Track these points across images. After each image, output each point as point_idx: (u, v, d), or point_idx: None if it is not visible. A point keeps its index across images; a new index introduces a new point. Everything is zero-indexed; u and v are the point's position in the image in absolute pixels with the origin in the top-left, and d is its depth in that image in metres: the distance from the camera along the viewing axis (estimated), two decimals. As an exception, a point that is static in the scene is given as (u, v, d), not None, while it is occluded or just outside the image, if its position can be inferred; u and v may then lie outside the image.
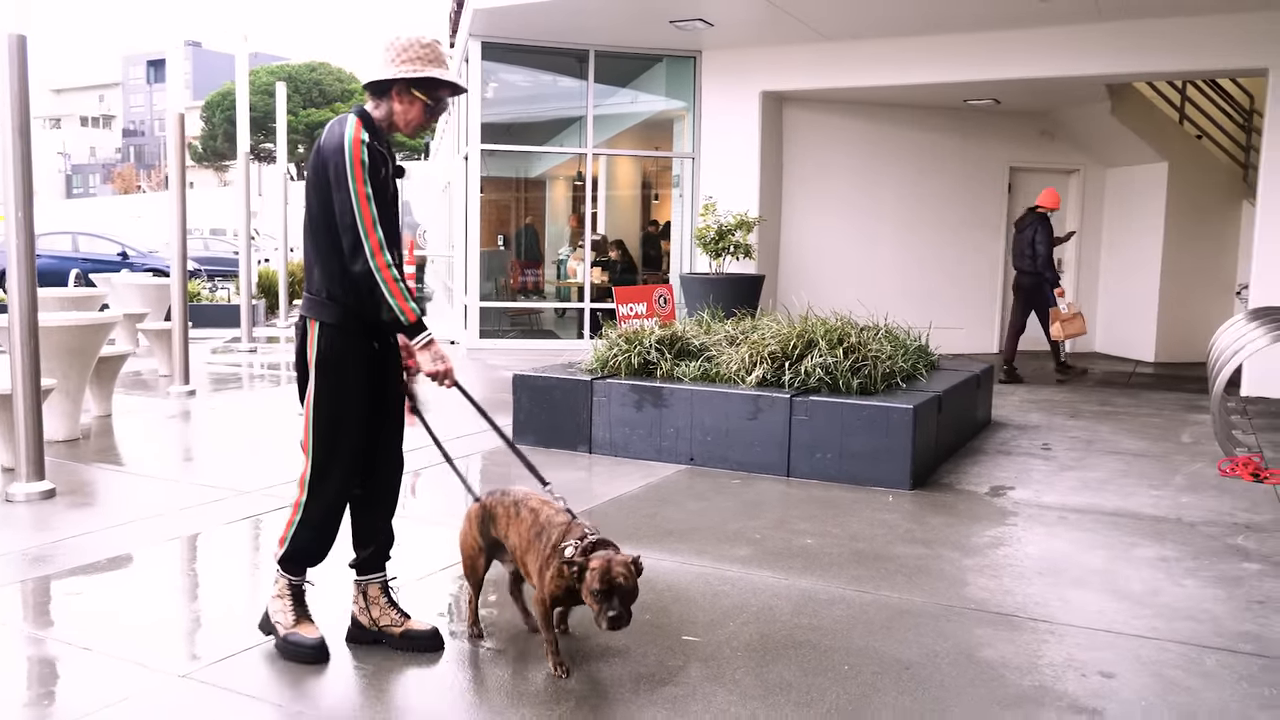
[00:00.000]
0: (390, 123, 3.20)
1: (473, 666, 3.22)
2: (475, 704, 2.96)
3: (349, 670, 3.18)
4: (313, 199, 3.14)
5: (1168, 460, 6.40)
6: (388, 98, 3.18)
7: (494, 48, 11.57)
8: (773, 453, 5.89)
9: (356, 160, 3.03)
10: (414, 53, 3.15)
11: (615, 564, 2.92)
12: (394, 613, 3.35)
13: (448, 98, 3.25)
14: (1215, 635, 3.52)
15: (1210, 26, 9.26)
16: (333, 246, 3.09)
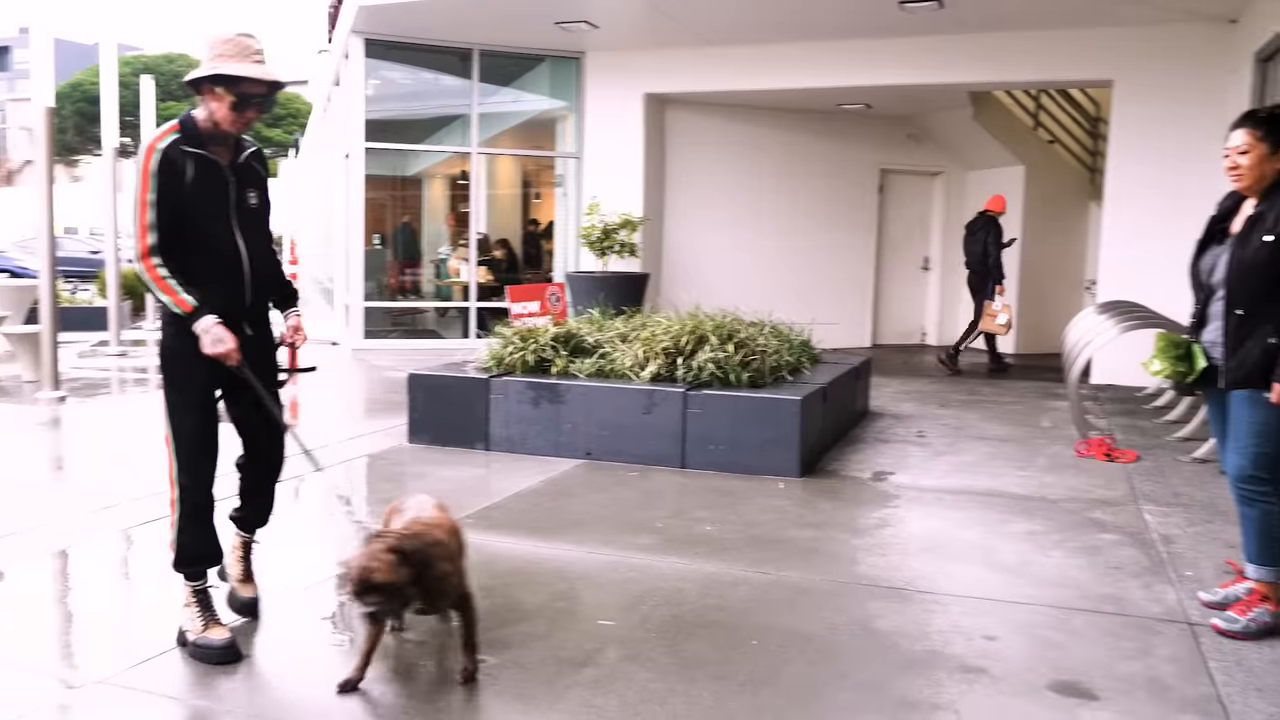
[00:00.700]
0: (213, 122, 3.20)
1: (394, 657, 3.30)
2: (404, 692, 3.04)
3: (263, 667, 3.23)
4: None
5: (1030, 444, 6.87)
6: (202, 97, 3.20)
7: (377, 45, 11.46)
8: (668, 445, 6.09)
9: (145, 166, 3.10)
10: (219, 49, 3.16)
11: (362, 567, 2.76)
12: (240, 568, 3.59)
13: (260, 94, 3.21)
14: (1081, 599, 3.87)
15: (1063, 40, 9.92)
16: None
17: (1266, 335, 3.40)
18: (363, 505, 5.13)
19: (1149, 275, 9.55)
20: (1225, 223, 3.67)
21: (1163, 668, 3.24)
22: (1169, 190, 9.61)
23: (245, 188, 3.34)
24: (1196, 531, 4.78)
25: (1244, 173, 3.55)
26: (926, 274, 13.66)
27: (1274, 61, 8.16)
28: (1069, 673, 3.20)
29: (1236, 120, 3.61)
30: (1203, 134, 9.48)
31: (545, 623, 3.58)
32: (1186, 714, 2.93)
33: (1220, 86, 9.39)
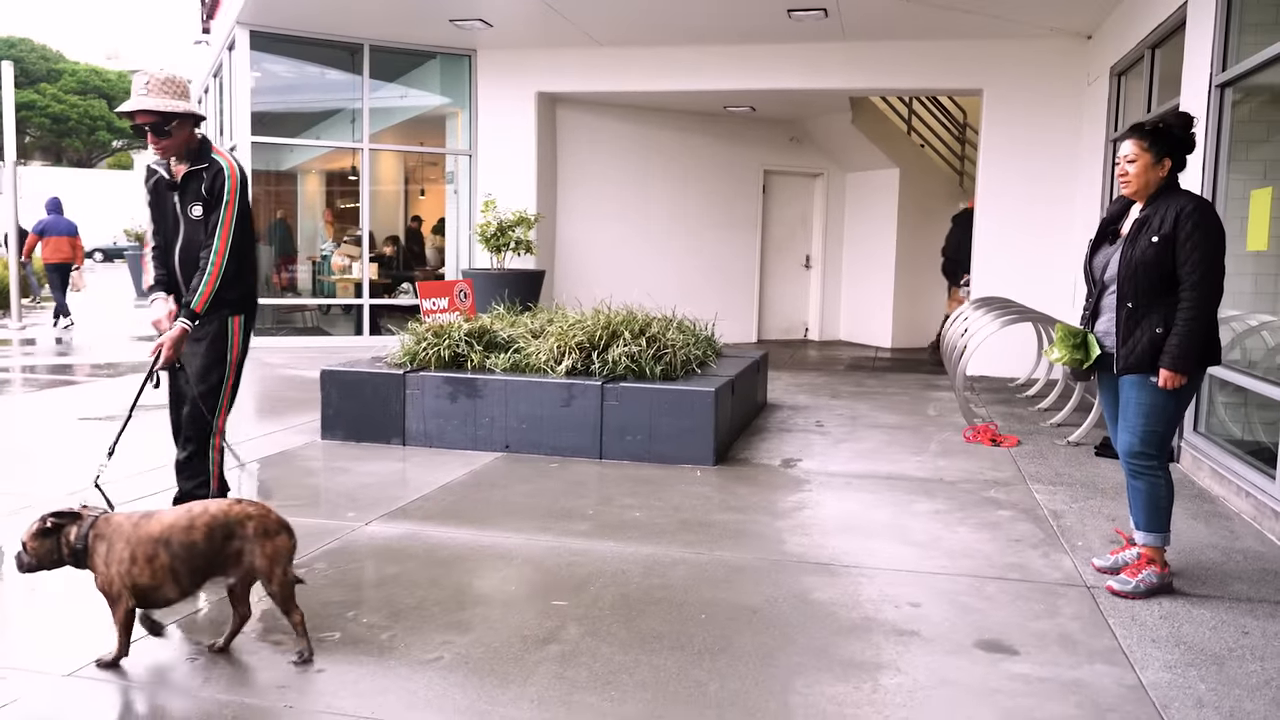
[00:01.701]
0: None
1: (364, 642, 3.38)
2: (373, 671, 3.14)
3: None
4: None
5: (921, 431, 7.32)
6: None
7: (262, 37, 11.23)
8: (586, 437, 6.26)
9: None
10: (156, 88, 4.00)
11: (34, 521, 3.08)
12: None
13: (146, 123, 3.92)
14: (989, 568, 4.23)
15: (937, 51, 10.50)
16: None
17: (1154, 325, 3.80)
18: (297, 497, 5.14)
19: (1016, 272, 10.24)
20: (1116, 224, 4.05)
21: (1070, 625, 3.60)
22: (1034, 193, 10.31)
23: (186, 200, 4.07)
24: (1080, 507, 5.24)
25: (1131, 179, 3.94)
26: (808, 272, 14.19)
27: (1128, 75, 8.86)
28: (990, 632, 3.52)
29: (1124, 132, 4.02)
30: (1064, 141, 10.24)
31: (501, 605, 3.72)
32: (1096, 663, 3.28)
33: (1079, 97, 10.14)
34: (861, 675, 3.15)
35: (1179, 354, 3.73)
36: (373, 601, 3.74)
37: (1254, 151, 6.10)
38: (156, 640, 3.28)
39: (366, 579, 3.98)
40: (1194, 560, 4.38)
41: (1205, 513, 5.18)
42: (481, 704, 2.92)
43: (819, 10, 9.44)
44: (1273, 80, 5.72)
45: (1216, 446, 5.83)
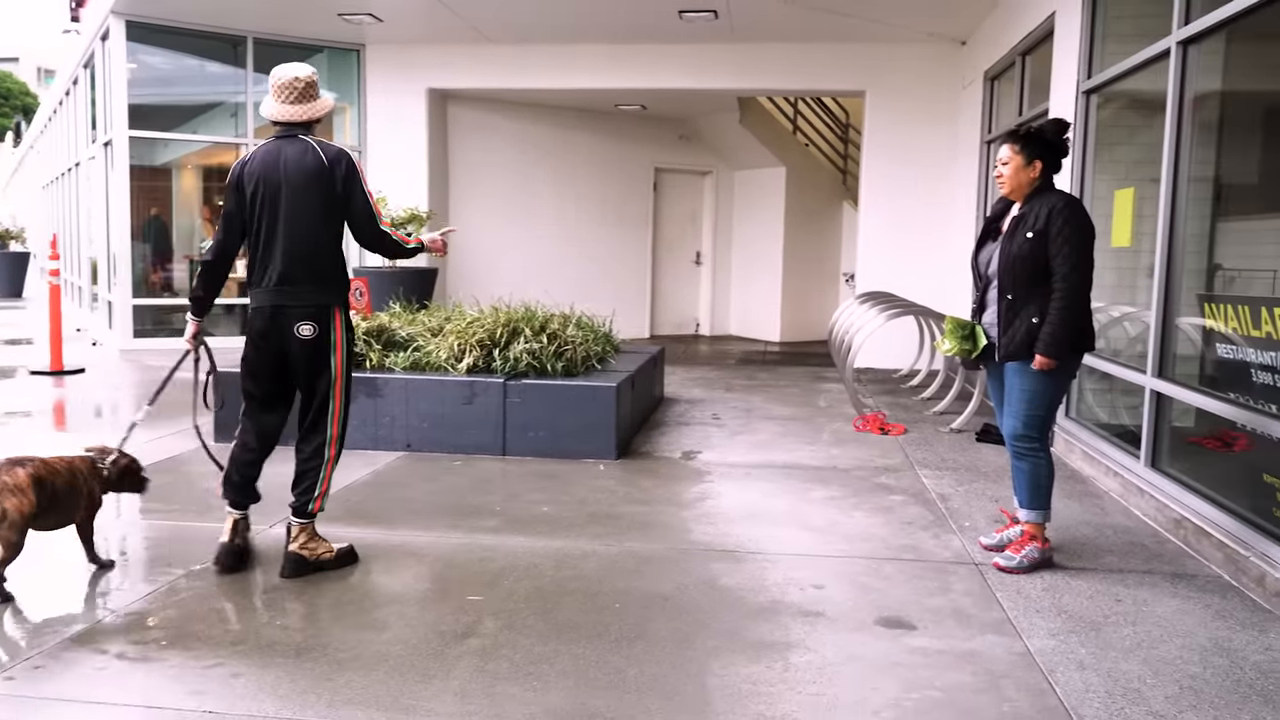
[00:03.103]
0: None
1: (280, 644, 3.35)
2: (292, 673, 3.13)
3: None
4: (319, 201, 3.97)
5: (813, 422, 7.57)
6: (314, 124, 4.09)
7: (139, 27, 10.83)
8: (489, 434, 6.29)
9: (361, 169, 4.03)
10: (318, 89, 4.11)
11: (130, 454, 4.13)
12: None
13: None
14: (885, 550, 4.44)
15: (820, 53, 10.83)
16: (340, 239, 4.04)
17: (1031, 316, 4.06)
18: (195, 502, 5.04)
19: (899, 267, 10.65)
20: (998, 222, 4.30)
21: (962, 600, 3.83)
22: (914, 191, 10.75)
23: None
24: (965, 490, 5.52)
25: (1005, 180, 4.20)
26: (699, 268, 14.43)
27: (1001, 80, 9.32)
28: (889, 610, 3.72)
29: (1001, 136, 4.27)
30: (942, 142, 10.69)
31: (416, 603, 3.74)
32: (987, 634, 3.50)
33: (955, 100, 10.59)
34: (773, 655, 3.29)
35: (1051, 340, 3.99)
36: (285, 605, 3.72)
37: (1117, 154, 6.52)
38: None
39: (275, 583, 3.95)
40: (1070, 536, 4.68)
41: (1078, 492, 5.53)
42: (405, 699, 2.96)
43: (709, 12, 9.63)
44: (1133, 86, 6.11)
45: (1086, 430, 6.22)
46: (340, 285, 4.07)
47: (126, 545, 4.49)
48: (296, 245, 3.95)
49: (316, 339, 3.97)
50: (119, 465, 4.05)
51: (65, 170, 16.31)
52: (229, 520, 4.11)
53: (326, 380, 4.02)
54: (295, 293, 3.96)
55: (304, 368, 4.03)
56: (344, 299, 4.06)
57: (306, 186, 3.90)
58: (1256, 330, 4.22)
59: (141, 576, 4.03)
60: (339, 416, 4.08)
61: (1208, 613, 3.73)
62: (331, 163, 3.92)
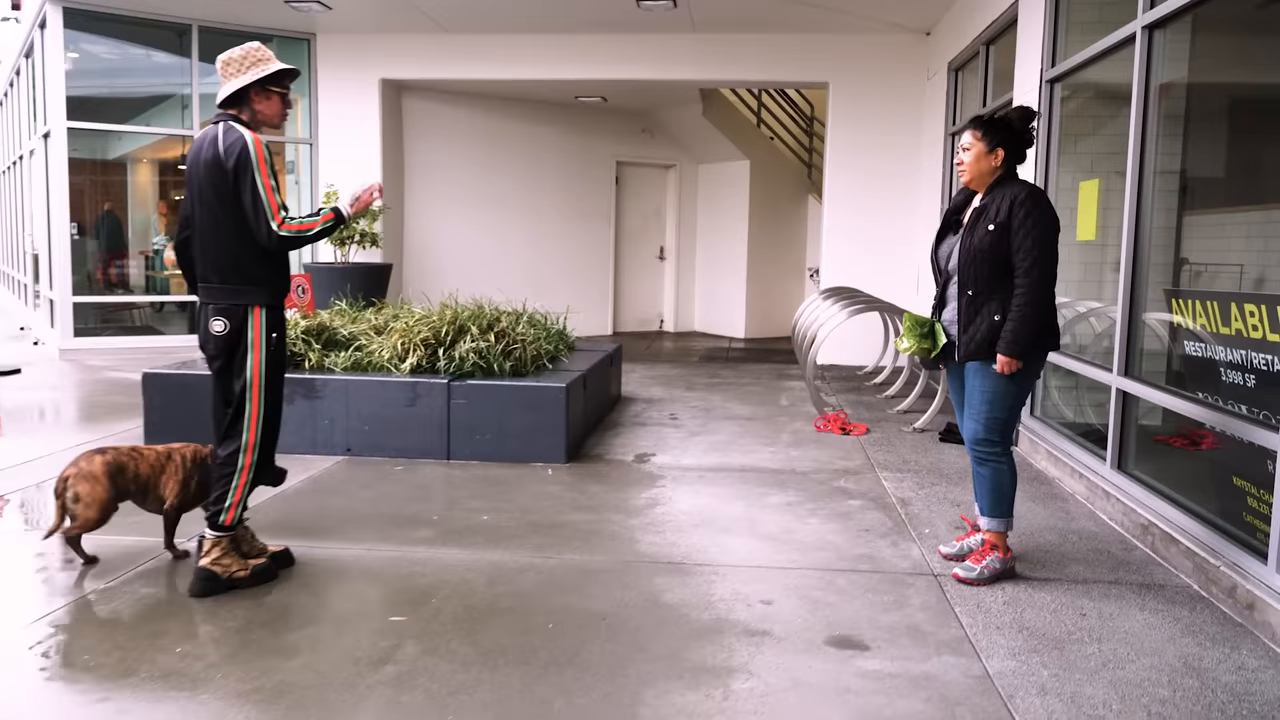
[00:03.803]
0: (257, 121, 3.76)
1: (176, 674, 3.08)
2: (184, 706, 2.86)
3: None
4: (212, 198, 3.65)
5: (773, 421, 7.34)
6: (248, 101, 3.72)
7: (78, 15, 10.42)
8: (433, 437, 6.01)
9: (260, 155, 3.60)
10: (253, 57, 3.71)
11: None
12: (256, 542, 3.98)
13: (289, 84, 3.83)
14: (840, 560, 4.21)
15: (783, 44, 10.60)
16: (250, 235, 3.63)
17: (993, 313, 3.84)
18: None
19: (864, 262, 10.46)
20: (959, 214, 4.08)
21: (918, 616, 3.60)
22: (878, 184, 10.55)
23: None
24: (927, 494, 5.31)
25: (966, 168, 3.98)
26: (663, 264, 14.18)
27: (965, 70, 9.13)
28: (841, 627, 3.48)
29: (965, 123, 4.04)
30: (907, 134, 10.50)
31: (333, 624, 3.46)
32: (944, 654, 3.27)
33: (920, 91, 10.40)
34: (713, 681, 3.05)
35: (1014, 339, 3.77)
36: (190, 627, 3.43)
37: (1082, 145, 6.33)
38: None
39: (184, 601, 3.66)
40: (1033, 543, 4.48)
41: (1043, 495, 5.33)
42: (306, 737, 2.69)
43: (667, 1, 9.37)
44: (1098, 76, 5.92)
45: (1051, 430, 6.03)
46: (261, 283, 3.72)
47: (48, 560, 4.16)
48: (205, 240, 3.75)
49: (228, 337, 3.69)
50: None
51: (10, 164, 15.82)
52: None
53: (242, 382, 3.73)
54: (209, 290, 3.76)
55: (221, 367, 3.76)
56: (267, 298, 3.73)
57: (208, 179, 3.67)
58: (1225, 328, 4.03)
59: (46, 594, 3.72)
60: (255, 422, 3.76)
61: (1177, 627, 3.53)
62: (225, 153, 3.62)
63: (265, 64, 3.72)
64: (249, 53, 3.72)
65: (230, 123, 3.69)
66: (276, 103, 3.79)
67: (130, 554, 4.14)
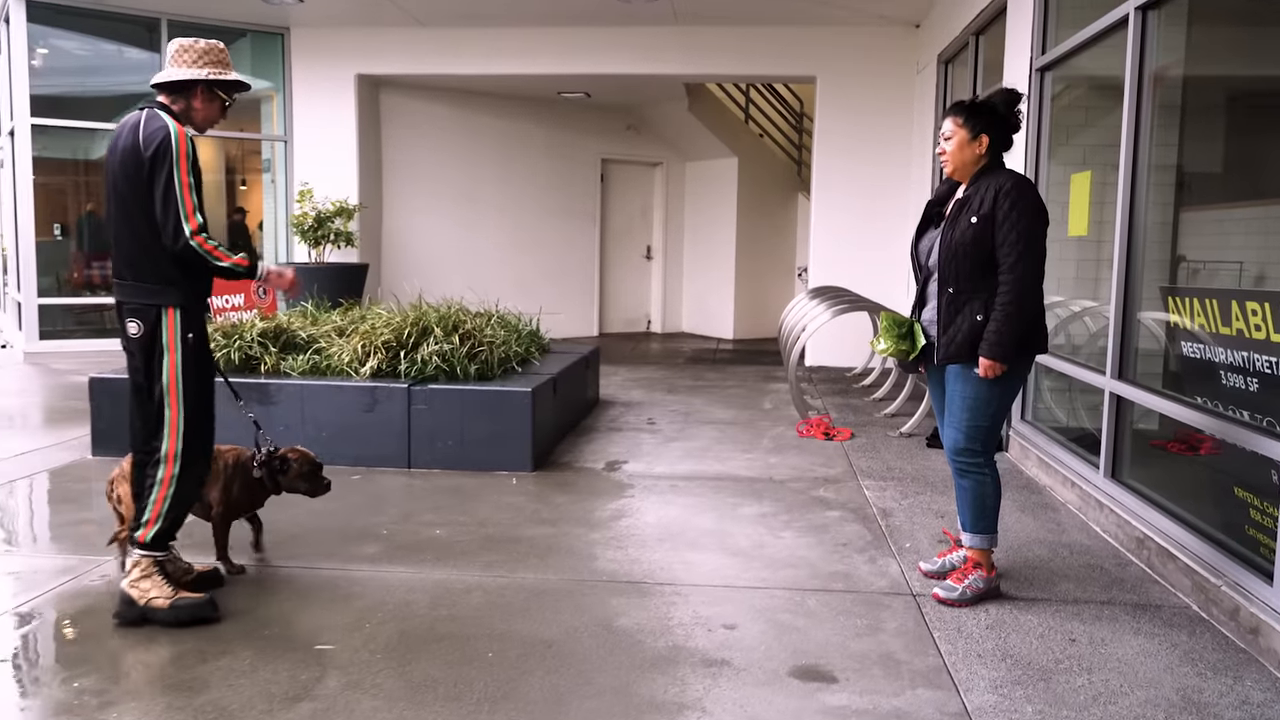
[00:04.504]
0: (188, 118, 3.49)
1: (69, 713, 2.78)
2: None
3: None
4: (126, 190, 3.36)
5: (754, 426, 7.04)
6: (188, 95, 3.47)
7: (42, 9, 10.12)
8: (392, 444, 5.72)
9: (182, 151, 3.31)
10: (215, 56, 3.51)
11: (305, 452, 4.02)
12: (181, 562, 3.70)
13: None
14: (812, 578, 3.92)
15: (770, 37, 10.30)
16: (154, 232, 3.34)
17: (975, 312, 3.55)
18: (40, 529, 4.44)
19: (853, 261, 10.16)
20: (941, 207, 3.79)
21: (892, 642, 3.31)
22: (867, 181, 10.26)
23: None
24: (910, 504, 5.02)
25: (949, 157, 3.69)
26: (650, 263, 13.89)
27: (955, 62, 8.84)
28: (808, 656, 3.19)
29: (946, 110, 3.75)
30: (897, 130, 10.21)
31: (252, 653, 3.17)
32: (919, 687, 2.98)
33: (910, 85, 10.12)
34: (661, 720, 2.76)
35: (997, 341, 3.48)
36: (95, 658, 3.14)
37: (1074, 136, 6.05)
38: None
39: (95, 629, 3.36)
40: (1021, 558, 4.19)
41: (1033, 504, 5.04)
42: (197, 790, 2.40)
43: (648, -9, 9.09)
44: (1090, 65, 5.64)
45: (1043, 435, 5.74)
46: (176, 283, 3.41)
47: (-60, 583, 3.87)
48: (119, 234, 3.46)
49: (142, 339, 3.41)
50: (268, 463, 3.89)
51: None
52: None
53: (160, 388, 3.43)
54: (123, 288, 3.48)
55: (141, 368, 3.47)
56: (181, 298, 3.42)
57: (122, 169, 3.38)
58: (1226, 327, 3.74)
59: (-60, 623, 3.43)
60: (175, 430, 3.45)
61: (1175, 654, 3.23)
62: (145, 141, 3.31)
63: (225, 68, 3.54)
64: (212, 49, 3.52)
65: (156, 110, 3.41)
66: (217, 109, 3.57)
67: (60, 570, 3.84)
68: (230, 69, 3.56)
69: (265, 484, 3.94)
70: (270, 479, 3.93)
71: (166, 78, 3.46)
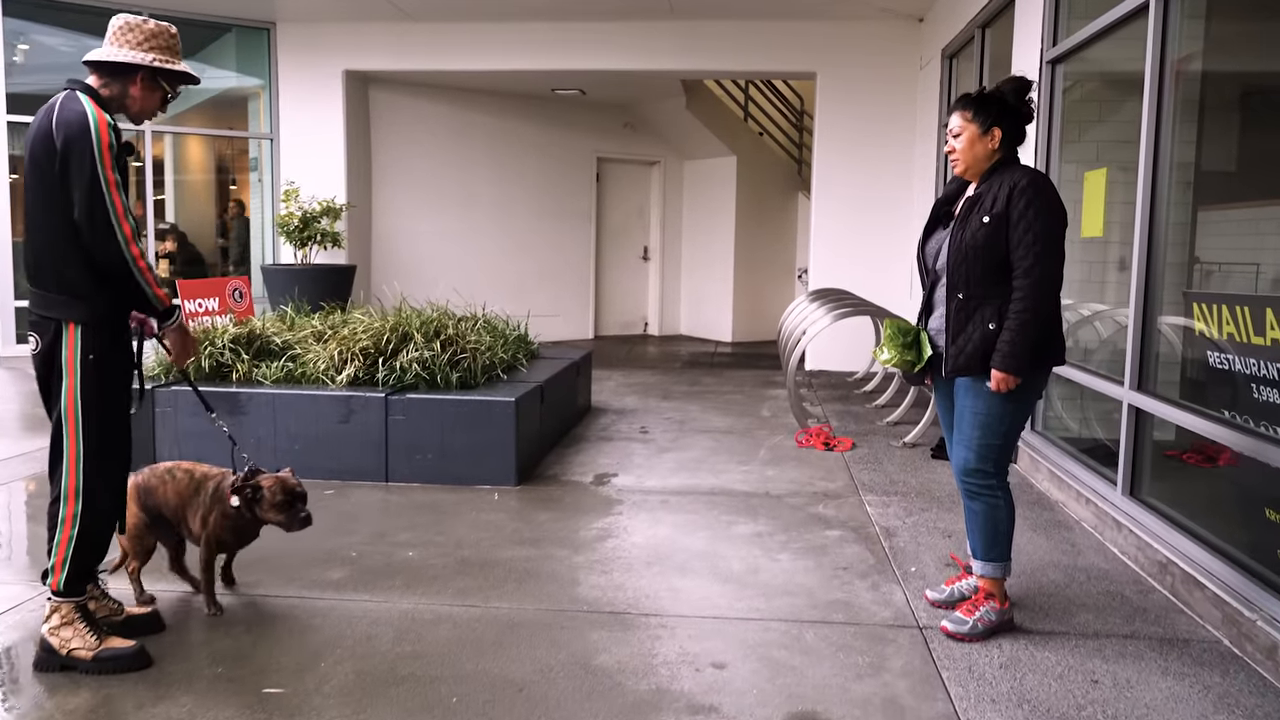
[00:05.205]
0: (121, 105, 3.11)
1: None
2: None
3: None
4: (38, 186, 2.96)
5: (752, 435, 6.75)
6: (126, 81, 3.08)
7: (21, 4, 9.83)
8: (369, 457, 5.43)
9: (104, 141, 2.90)
10: (164, 41, 3.14)
11: (284, 479, 3.46)
12: (110, 603, 3.34)
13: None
14: (811, 608, 3.62)
15: (767, 32, 10.01)
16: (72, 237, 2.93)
17: (986, 320, 3.26)
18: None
19: (854, 262, 9.87)
20: (950, 206, 3.50)
21: (897, 684, 3.01)
22: (870, 180, 9.96)
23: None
24: (915, 522, 4.72)
25: (959, 155, 3.40)
26: (647, 264, 13.59)
27: (959, 57, 8.54)
28: (804, 701, 2.90)
29: (952, 104, 3.47)
30: (900, 126, 9.91)
31: (192, 700, 2.87)
32: (927, 738, 2.69)
33: (912, 80, 9.82)
34: (639, 781, 2.47)
35: (1010, 352, 3.19)
36: (14, 703, 2.85)
37: (1087, 133, 5.76)
38: None
39: (19, 669, 3.07)
40: (1035, 583, 3.89)
41: (1045, 522, 4.75)
42: None
43: (643, -17, 8.80)
44: (1104, 57, 5.35)
45: (1055, 447, 5.44)
46: (81, 295, 2.97)
47: None
48: (30, 237, 3.04)
49: (41, 355, 3.02)
50: (241, 490, 3.45)
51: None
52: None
53: (58, 413, 3.01)
54: (31, 295, 3.04)
55: (40, 390, 3.10)
56: (84, 313, 2.97)
57: (33, 160, 2.96)
58: (1259, 337, 3.44)
59: None
60: (75, 466, 3.01)
61: (1207, 699, 2.94)
62: (58, 126, 2.90)
63: (174, 55, 3.15)
64: (162, 31, 3.15)
65: (78, 93, 2.98)
66: (158, 100, 3.17)
67: (5, 599, 3.56)
68: (179, 58, 3.16)
69: (244, 515, 3.47)
70: (248, 508, 3.47)
71: (104, 56, 3.03)
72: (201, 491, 3.52)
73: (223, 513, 3.48)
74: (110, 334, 3.05)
